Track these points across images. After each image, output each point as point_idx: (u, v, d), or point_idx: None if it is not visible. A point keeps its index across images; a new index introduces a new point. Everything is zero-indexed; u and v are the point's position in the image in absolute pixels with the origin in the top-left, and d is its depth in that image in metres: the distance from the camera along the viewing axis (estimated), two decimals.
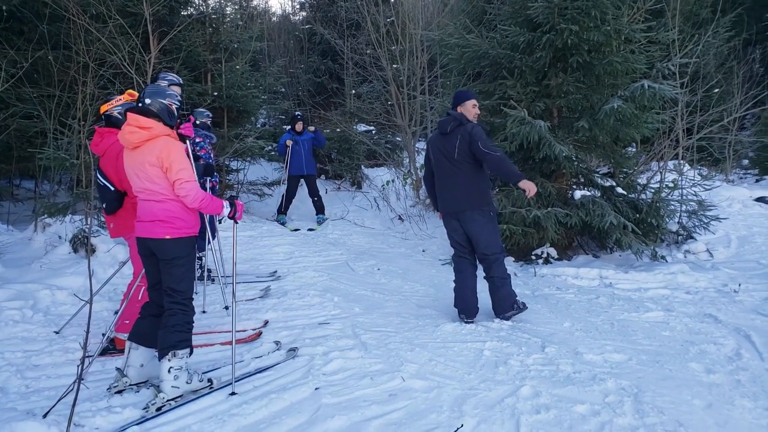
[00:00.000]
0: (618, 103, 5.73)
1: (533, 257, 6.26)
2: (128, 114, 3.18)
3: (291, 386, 3.20)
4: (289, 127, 9.04)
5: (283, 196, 8.91)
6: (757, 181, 11.08)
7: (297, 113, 9.01)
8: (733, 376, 3.35)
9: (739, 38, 11.27)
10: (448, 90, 9.01)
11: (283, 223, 8.74)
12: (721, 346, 3.80)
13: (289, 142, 8.61)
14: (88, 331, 2.85)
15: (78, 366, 2.73)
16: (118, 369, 3.24)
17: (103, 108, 3.85)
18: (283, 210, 8.89)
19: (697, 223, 6.63)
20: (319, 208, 8.97)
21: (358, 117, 12.88)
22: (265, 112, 13.82)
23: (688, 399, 3.03)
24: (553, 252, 6.25)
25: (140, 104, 3.17)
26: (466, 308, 4.47)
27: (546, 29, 5.97)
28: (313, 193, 8.89)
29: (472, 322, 4.40)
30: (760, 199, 8.64)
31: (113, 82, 6.79)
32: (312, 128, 8.96)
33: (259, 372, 3.36)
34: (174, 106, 3.26)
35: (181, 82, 4.37)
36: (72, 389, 2.73)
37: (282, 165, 11.94)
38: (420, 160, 11.05)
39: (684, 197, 6.73)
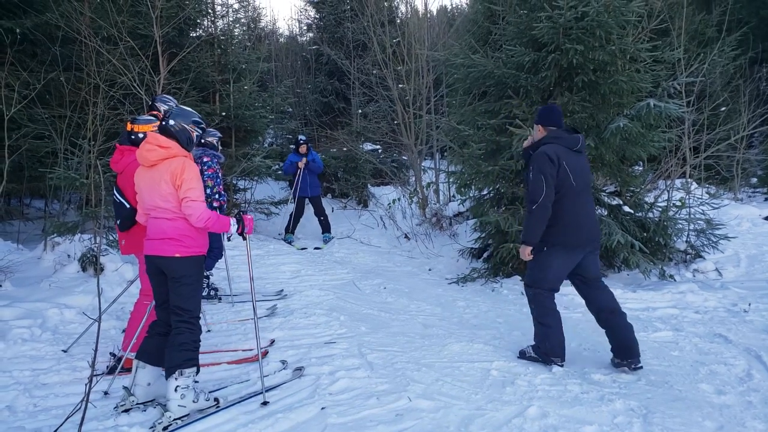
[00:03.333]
0: (624, 122, 5.75)
1: None
2: (149, 133, 3.24)
3: (297, 405, 3.19)
4: (294, 147, 9.15)
5: (290, 215, 8.99)
6: (766, 199, 11.03)
7: (301, 137, 9.11)
8: (744, 397, 3.31)
9: (745, 57, 11.31)
10: (453, 109, 9.07)
11: (290, 242, 8.81)
12: (732, 367, 3.76)
13: (301, 164, 8.72)
14: (96, 350, 2.86)
15: (86, 384, 2.74)
16: (125, 388, 3.24)
17: (137, 128, 3.87)
18: (290, 230, 8.98)
19: (705, 242, 6.59)
20: (326, 227, 9.03)
21: (365, 136, 12.99)
22: (272, 131, 13.97)
23: (698, 420, 2.99)
24: None
25: (164, 123, 3.23)
26: (564, 349, 3.89)
27: (551, 49, 6.03)
28: (320, 212, 9.00)
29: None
30: None
31: (123, 102, 6.90)
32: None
33: (266, 391, 3.34)
34: (195, 134, 3.31)
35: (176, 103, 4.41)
36: (79, 408, 2.73)
37: (287, 185, 12.08)
38: (426, 178, 11.10)
39: (692, 216, 6.70)
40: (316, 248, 8.66)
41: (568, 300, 5.61)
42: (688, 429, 2.88)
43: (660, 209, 6.54)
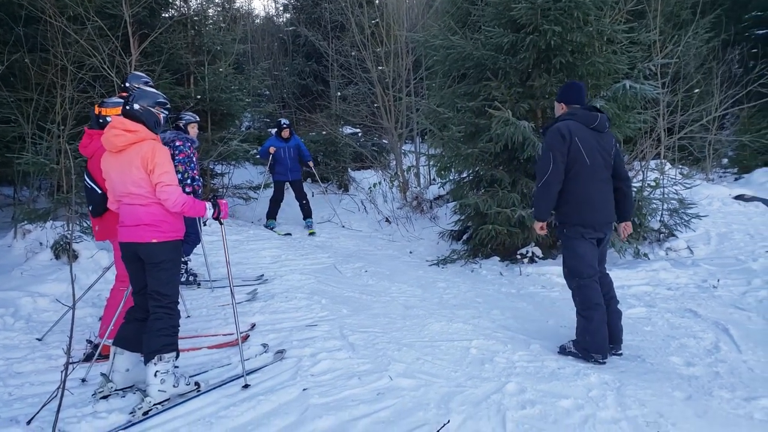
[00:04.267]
0: (600, 104, 5.81)
1: (518, 256, 6.32)
2: (114, 117, 3.15)
3: (279, 388, 3.20)
4: (275, 131, 8.93)
5: (271, 201, 8.85)
6: (736, 179, 11.27)
7: (283, 121, 8.86)
8: (712, 368, 3.43)
9: (718, 39, 11.47)
10: (433, 92, 9.06)
11: (272, 228, 8.66)
12: (701, 340, 3.89)
13: (272, 150, 8.52)
14: (71, 337, 2.81)
15: (62, 372, 2.70)
16: (103, 374, 3.21)
17: (104, 111, 3.76)
18: (272, 215, 8.83)
19: (678, 221, 6.74)
20: (307, 212, 8.88)
21: (344, 119, 12.91)
22: (249, 115, 13.76)
23: (668, 391, 3.09)
24: (537, 251, 6.31)
25: (127, 107, 3.14)
26: (606, 345, 3.64)
27: (529, 30, 6.03)
28: (301, 197, 8.81)
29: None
30: (738, 197, 8.80)
31: (93, 85, 6.70)
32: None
33: (247, 374, 3.34)
34: (161, 116, 3.24)
35: (152, 83, 4.25)
36: (56, 396, 2.69)
37: (265, 169, 11.96)
38: (407, 162, 11.10)
39: (666, 196, 6.83)
40: (310, 234, 8.52)
41: (546, 279, 5.72)
42: (658, 399, 2.98)
43: (635, 189, 6.65)
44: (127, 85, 4.01)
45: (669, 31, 9.33)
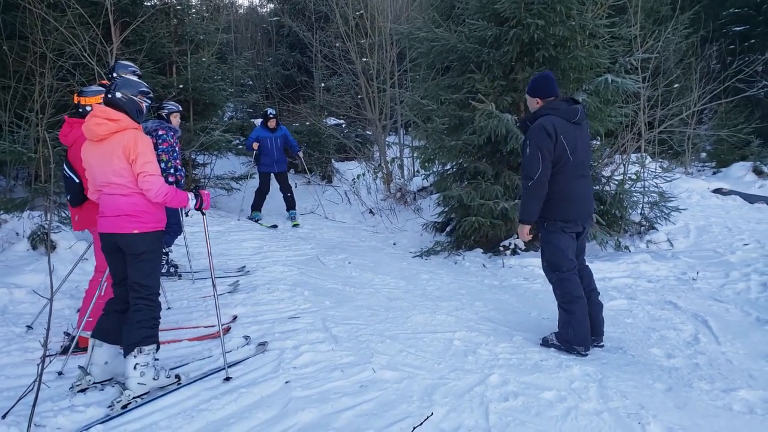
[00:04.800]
0: (582, 97, 5.85)
1: (501, 248, 6.35)
2: (95, 105, 3.08)
3: (261, 380, 3.18)
4: (260, 122, 8.76)
5: (256, 192, 8.67)
6: (714, 173, 11.47)
7: (270, 111, 8.63)
8: (692, 360, 3.49)
9: (697, 35, 11.62)
10: (417, 84, 9.03)
11: (257, 220, 8.50)
12: (681, 332, 3.96)
13: (255, 145, 8.39)
14: (48, 329, 2.76)
15: (38, 365, 2.65)
16: (81, 367, 3.15)
17: (83, 100, 3.69)
18: (256, 207, 8.67)
19: (658, 214, 6.84)
20: (290, 204, 8.74)
21: (328, 110, 12.83)
22: (232, 105, 13.58)
23: (649, 383, 3.14)
24: (520, 243, 6.35)
25: (110, 95, 3.08)
26: (588, 338, 3.66)
27: (513, 24, 6.04)
28: (286, 189, 8.68)
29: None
30: (717, 191, 8.97)
31: (73, 73, 6.56)
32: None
33: (229, 367, 3.32)
34: (144, 105, 3.18)
35: (140, 72, 4.18)
36: (32, 389, 2.64)
37: (249, 159, 11.83)
38: (391, 153, 11.09)
39: (646, 189, 6.93)
40: (294, 225, 8.42)
41: (528, 271, 5.77)
42: (640, 391, 3.02)
43: (616, 182, 6.73)
44: (114, 75, 3.93)
45: (649, 26, 9.42)
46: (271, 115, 8.54)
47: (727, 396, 2.97)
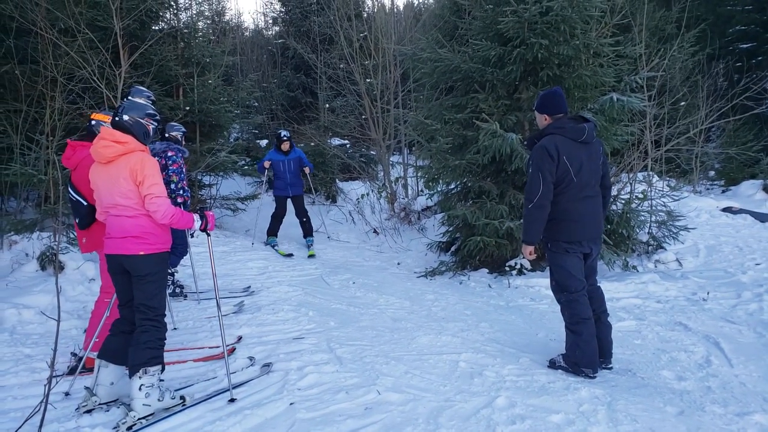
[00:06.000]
0: (588, 116, 5.85)
1: (507, 268, 6.32)
2: (103, 128, 3.13)
3: (265, 402, 3.15)
4: (275, 143, 8.31)
5: (272, 216, 8.24)
6: (723, 191, 11.41)
7: (283, 133, 8.24)
8: (704, 382, 3.42)
9: (703, 53, 11.66)
10: (420, 104, 9.10)
11: (273, 246, 8.07)
12: (692, 354, 3.89)
13: (267, 164, 7.99)
14: (55, 350, 2.77)
15: (45, 386, 2.64)
16: (87, 388, 3.14)
17: (95, 116, 3.77)
18: (272, 232, 8.24)
19: (666, 233, 6.79)
20: (308, 230, 8.22)
21: (332, 131, 12.93)
22: (238, 126, 13.76)
23: (660, 406, 3.07)
24: (526, 263, 6.31)
25: (117, 118, 3.12)
26: (596, 360, 3.63)
27: (516, 43, 6.09)
28: (302, 213, 8.22)
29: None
30: (726, 210, 8.90)
31: (82, 96, 6.68)
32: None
33: (233, 388, 3.29)
34: (151, 127, 3.22)
35: (154, 98, 4.29)
36: (38, 410, 2.63)
37: (255, 180, 11.90)
38: (395, 173, 11.12)
39: (653, 208, 6.89)
40: (310, 256, 7.81)
41: (535, 291, 5.72)
42: (650, 414, 2.96)
43: (623, 201, 6.70)
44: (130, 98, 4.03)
45: (654, 45, 9.48)
46: (285, 138, 8.16)
47: (741, 420, 2.91)
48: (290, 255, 7.66)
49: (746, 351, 3.88)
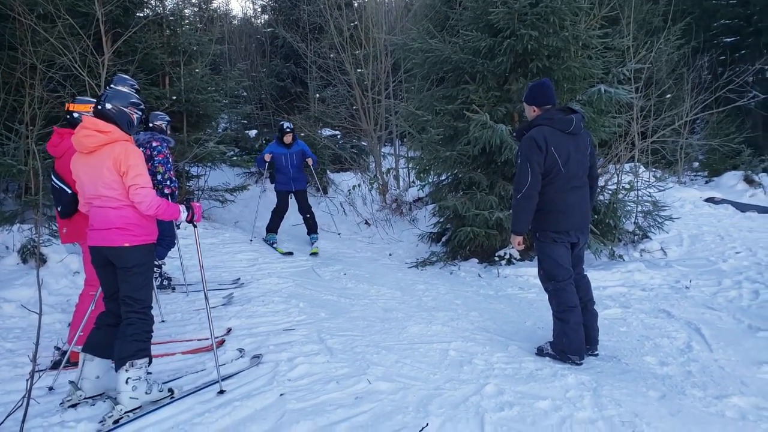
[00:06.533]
0: (576, 107, 5.87)
1: (496, 258, 6.35)
2: (85, 117, 3.06)
3: (255, 393, 3.14)
4: (276, 136, 7.97)
5: (272, 212, 7.90)
6: (706, 182, 11.56)
7: (286, 125, 7.84)
8: (685, 367, 3.49)
9: (689, 46, 11.75)
10: (411, 94, 9.07)
11: (272, 244, 7.72)
12: (674, 340, 3.96)
13: (268, 157, 7.66)
14: (37, 343, 2.71)
15: (27, 380, 2.61)
16: (71, 382, 3.10)
17: (72, 107, 3.67)
18: (272, 228, 7.89)
19: (651, 223, 6.87)
20: (311, 227, 7.88)
21: (323, 121, 12.85)
22: (226, 116, 13.59)
23: (643, 391, 3.13)
24: (515, 253, 6.36)
25: (100, 107, 3.06)
26: (583, 347, 3.68)
27: (507, 35, 6.08)
28: (305, 209, 7.85)
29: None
30: (709, 200, 9.03)
31: (63, 84, 6.53)
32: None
33: (223, 380, 3.28)
34: (135, 116, 3.16)
35: (137, 87, 4.19)
36: (21, 405, 2.60)
37: (245, 171, 11.80)
38: (386, 164, 11.10)
39: (639, 198, 6.96)
40: (312, 254, 7.49)
41: (523, 281, 5.76)
42: (634, 399, 3.01)
43: (610, 192, 6.76)
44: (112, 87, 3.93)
45: (642, 37, 9.51)
46: (288, 129, 7.77)
47: (720, 403, 2.97)
48: (290, 253, 7.36)
49: (725, 336, 3.96)
